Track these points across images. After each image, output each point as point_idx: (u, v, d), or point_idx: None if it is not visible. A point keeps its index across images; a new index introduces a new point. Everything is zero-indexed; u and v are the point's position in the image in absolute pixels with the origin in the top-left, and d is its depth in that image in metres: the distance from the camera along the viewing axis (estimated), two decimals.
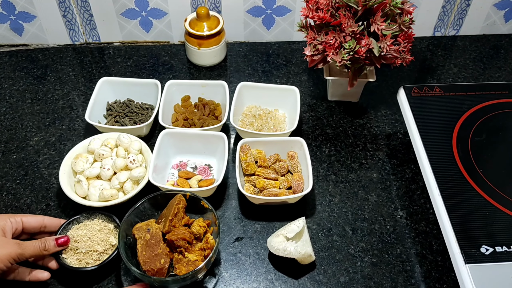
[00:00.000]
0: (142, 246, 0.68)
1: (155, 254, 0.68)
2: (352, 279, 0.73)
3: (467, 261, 0.64)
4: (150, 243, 0.69)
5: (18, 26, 1.07)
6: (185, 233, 0.70)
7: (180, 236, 0.69)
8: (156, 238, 0.69)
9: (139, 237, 0.69)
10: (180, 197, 0.73)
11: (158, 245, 0.69)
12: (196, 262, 0.69)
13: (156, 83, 0.93)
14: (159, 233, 0.70)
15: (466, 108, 0.84)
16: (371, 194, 0.83)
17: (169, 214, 0.71)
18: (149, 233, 0.69)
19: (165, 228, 0.71)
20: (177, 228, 0.71)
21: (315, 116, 0.96)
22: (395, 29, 0.81)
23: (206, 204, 0.73)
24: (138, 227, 0.70)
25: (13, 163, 0.87)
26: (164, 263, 0.68)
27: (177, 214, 0.72)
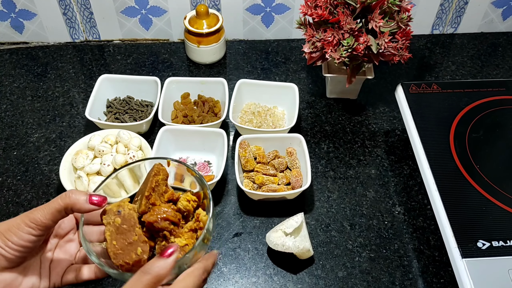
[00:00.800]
0: (111, 233, 0.53)
1: (128, 243, 0.53)
2: (350, 274, 0.73)
3: (464, 255, 0.65)
4: (122, 229, 0.53)
5: (18, 24, 1.08)
6: (168, 212, 0.54)
7: (161, 215, 0.53)
8: (129, 221, 0.53)
9: (107, 222, 0.54)
10: (158, 166, 0.57)
11: (132, 231, 0.53)
12: (186, 248, 0.53)
13: (156, 80, 0.94)
14: (133, 214, 0.54)
15: (463, 105, 0.84)
16: (369, 190, 0.84)
17: (145, 189, 0.55)
18: (119, 216, 0.53)
19: (140, 207, 0.54)
20: (157, 206, 0.55)
21: (313, 113, 0.97)
22: (393, 26, 0.82)
23: (193, 172, 0.58)
24: (107, 210, 0.54)
25: (13, 159, 0.88)
26: (141, 254, 0.53)
27: (157, 188, 0.56)
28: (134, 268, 0.52)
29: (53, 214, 0.51)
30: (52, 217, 0.51)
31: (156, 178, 0.56)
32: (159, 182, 0.56)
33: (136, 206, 0.55)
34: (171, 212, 0.54)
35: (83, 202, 0.52)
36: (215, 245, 0.76)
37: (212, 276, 0.73)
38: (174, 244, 0.51)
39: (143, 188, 0.56)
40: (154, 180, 0.56)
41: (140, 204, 0.55)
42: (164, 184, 0.57)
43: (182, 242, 0.53)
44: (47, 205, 0.52)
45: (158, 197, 0.56)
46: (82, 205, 0.52)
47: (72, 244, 0.59)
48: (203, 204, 0.58)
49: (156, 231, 0.54)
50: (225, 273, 0.73)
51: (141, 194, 0.56)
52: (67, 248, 0.59)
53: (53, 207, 0.51)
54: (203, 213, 0.55)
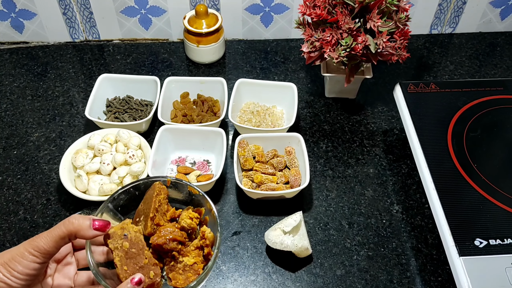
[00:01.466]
0: (121, 258, 0.53)
1: (140, 267, 0.53)
2: (348, 272, 0.74)
3: (461, 253, 0.66)
4: (131, 253, 0.53)
5: (18, 24, 1.08)
6: (174, 232, 0.55)
7: (169, 237, 0.55)
8: (137, 245, 0.54)
9: (114, 247, 0.54)
10: (159, 186, 0.58)
11: (142, 254, 0.53)
12: (195, 266, 0.55)
13: (155, 79, 0.94)
14: (140, 237, 0.54)
15: (461, 104, 0.85)
16: (367, 189, 0.84)
17: (149, 210, 0.56)
18: (127, 240, 0.53)
19: (147, 229, 0.56)
20: (163, 227, 0.56)
21: (312, 113, 0.97)
22: (391, 26, 0.82)
23: (193, 190, 0.60)
24: (111, 233, 0.54)
25: (14, 158, 0.88)
26: (154, 277, 0.53)
27: (159, 208, 0.57)
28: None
29: (56, 241, 0.51)
30: (55, 244, 0.51)
31: (159, 198, 0.57)
32: (161, 202, 0.57)
33: (141, 228, 0.55)
34: (178, 232, 0.55)
35: (86, 228, 0.52)
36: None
37: (211, 275, 0.73)
38: (138, 274, 0.52)
39: (145, 209, 0.57)
40: (157, 200, 0.57)
41: (145, 226, 0.55)
42: (165, 203, 0.58)
43: (191, 261, 0.55)
44: (49, 232, 0.51)
45: (161, 217, 0.57)
46: (86, 231, 0.52)
47: (70, 267, 0.59)
48: (205, 220, 0.59)
49: (164, 252, 0.55)
50: (224, 271, 0.74)
51: (143, 215, 0.56)
52: (65, 271, 0.59)
53: (57, 235, 0.51)
54: (208, 230, 0.56)
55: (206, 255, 0.56)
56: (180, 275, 0.55)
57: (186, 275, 0.54)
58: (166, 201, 0.59)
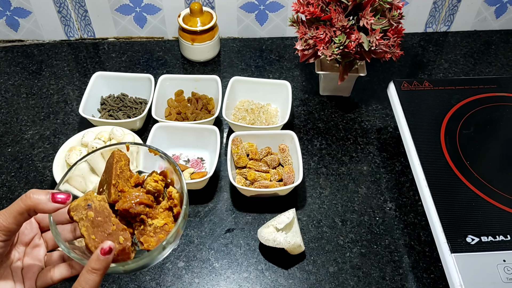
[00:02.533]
0: (87, 228, 0.52)
1: (108, 234, 0.52)
2: (341, 269, 0.74)
3: (453, 250, 0.66)
4: (97, 221, 0.52)
5: (13, 22, 1.08)
6: (140, 195, 0.54)
7: (134, 200, 0.53)
8: (103, 213, 0.52)
9: (79, 218, 0.52)
10: (118, 153, 0.56)
11: (108, 222, 0.52)
12: (166, 227, 0.54)
13: (150, 77, 0.94)
14: (105, 205, 0.53)
15: (454, 102, 0.85)
16: (361, 186, 0.84)
17: (111, 177, 0.54)
18: (91, 209, 0.52)
19: (111, 197, 0.54)
20: (128, 192, 0.54)
21: (307, 111, 0.97)
22: (384, 23, 0.82)
23: (154, 151, 0.58)
24: (74, 206, 0.53)
25: (8, 156, 0.88)
26: (124, 241, 0.52)
27: (121, 175, 0.55)
28: (120, 257, 0.52)
29: (15, 217, 0.50)
30: (14, 221, 0.50)
31: (119, 164, 0.55)
32: (122, 168, 0.55)
33: (105, 197, 0.54)
34: (143, 195, 0.54)
35: (45, 202, 0.50)
36: (208, 241, 0.77)
37: (204, 272, 0.73)
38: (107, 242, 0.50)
39: (107, 177, 0.55)
40: (118, 167, 0.55)
41: (109, 194, 0.54)
42: (128, 169, 0.56)
43: (161, 222, 0.54)
44: (8, 209, 0.50)
45: (124, 183, 0.55)
46: (45, 204, 0.50)
47: (39, 249, 0.58)
48: (171, 182, 0.57)
49: (132, 217, 0.53)
50: (217, 268, 0.74)
51: (106, 184, 0.55)
52: (34, 253, 0.58)
53: (15, 210, 0.50)
54: (175, 190, 0.55)
55: (176, 215, 0.55)
56: (151, 238, 0.53)
57: (158, 237, 0.53)
58: (128, 168, 0.57)
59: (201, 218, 0.80)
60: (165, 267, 0.74)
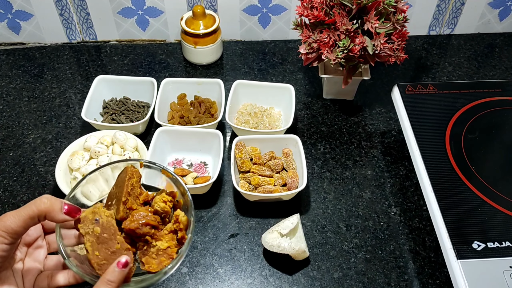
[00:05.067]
0: (92, 244, 0.52)
1: (112, 252, 0.52)
2: (345, 275, 0.73)
3: (459, 256, 0.65)
4: (103, 238, 0.52)
5: (15, 25, 1.08)
6: (147, 216, 0.54)
7: (141, 221, 0.53)
8: (109, 230, 0.52)
9: (85, 232, 0.52)
10: (131, 169, 0.56)
11: (114, 239, 0.52)
12: (169, 250, 0.54)
13: (152, 81, 0.93)
14: (112, 222, 0.53)
15: (459, 106, 0.84)
16: (365, 191, 0.84)
17: (121, 193, 0.54)
18: (98, 225, 0.52)
19: (119, 214, 0.54)
20: (136, 211, 0.54)
21: (310, 114, 0.97)
22: (389, 27, 0.81)
23: (167, 173, 0.58)
24: (82, 218, 0.53)
25: (10, 160, 0.88)
26: None
27: (132, 192, 0.55)
28: None
29: (25, 221, 0.50)
30: (24, 224, 0.50)
31: (131, 181, 0.55)
32: (134, 185, 0.55)
33: (113, 213, 0.54)
34: (151, 216, 0.54)
35: (57, 211, 0.51)
36: (211, 246, 0.76)
37: (208, 278, 0.73)
38: (124, 256, 0.51)
39: (117, 192, 0.55)
40: (129, 184, 0.55)
41: (117, 210, 0.54)
42: (138, 186, 0.56)
43: (164, 245, 0.54)
44: (19, 212, 0.50)
45: (134, 200, 0.55)
46: (56, 213, 0.51)
47: (41, 250, 0.58)
48: (178, 203, 0.57)
49: (137, 237, 0.53)
50: (221, 274, 0.73)
51: (115, 199, 0.55)
52: (35, 255, 0.58)
53: (26, 214, 0.50)
54: (182, 213, 0.54)
55: (180, 239, 0.55)
56: (153, 259, 0.53)
57: (160, 260, 0.53)
58: (139, 185, 0.57)
59: (205, 223, 0.79)
60: None
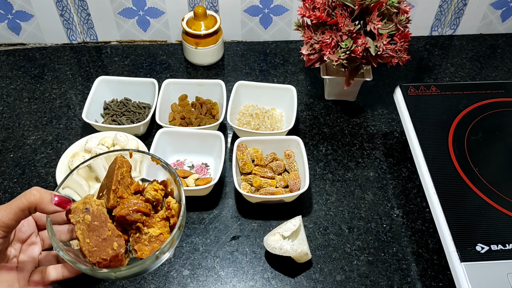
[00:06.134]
0: (83, 232, 0.52)
1: (103, 239, 0.52)
2: (348, 278, 0.73)
3: (463, 259, 0.65)
4: (93, 225, 0.52)
5: (15, 25, 1.07)
6: (138, 203, 0.54)
7: (132, 208, 0.53)
8: (99, 218, 0.53)
9: (76, 221, 0.53)
10: (121, 159, 0.56)
11: (104, 227, 0.53)
12: (161, 237, 0.55)
13: (153, 82, 0.93)
14: (102, 210, 0.54)
15: (462, 107, 0.84)
16: (367, 193, 0.83)
17: (111, 183, 0.55)
18: (89, 213, 0.53)
19: (109, 202, 0.54)
20: (126, 199, 0.54)
21: (312, 115, 0.96)
22: (391, 28, 0.81)
23: (156, 160, 0.58)
24: (73, 209, 0.54)
25: (10, 162, 0.87)
26: (118, 248, 0.52)
27: (122, 181, 0.55)
28: (112, 263, 0.52)
29: (16, 213, 0.50)
30: (15, 217, 0.50)
31: (121, 170, 0.56)
32: (123, 175, 0.56)
33: (103, 201, 0.54)
34: (142, 203, 0.54)
35: (47, 202, 0.51)
36: (213, 248, 0.76)
37: (210, 280, 0.72)
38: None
39: (108, 182, 0.55)
40: (119, 173, 0.55)
41: (108, 199, 0.54)
42: (129, 176, 0.57)
43: (156, 232, 0.54)
44: (8, 205, 0.50)
45: (124, 189, 0.55)
46: (46, 205, 0.51)
47: (35, 247, 0.58)
48: (171, 192, 0.58)
49: (129, 224, 0.54)
50: (223, 276, 0.73)
51: (106, 189, 0.55)
52: (29, 251, 0.58)
53: (17, 206, 0.50)
54: (174, 200, 0.55)
55: (173, 226, 0.55)
56: (145, 246, 0.54)
57: (152, 246, 0.54)
58: (129, 174, 0.57)
59: (206, 225, 0.79)
60: (170, 275, 0.73)
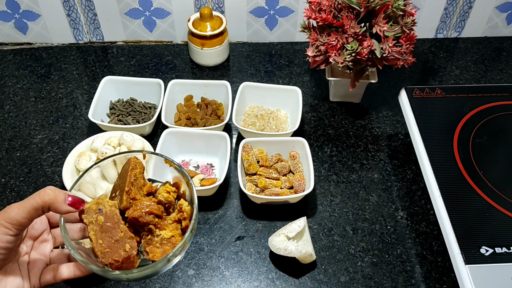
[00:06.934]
0: (95, 232, 0.53)
1: (115, 240, 0.52)
2: (352, 279, 0.73)
3: (467, 261, 0.65)
4: (106, 226, 0.53)
5: (22, 25, 1.08)
6: (151, 205, 0.54)
7: (145, 210, 0.54)
8: (112, 219, 0.53)
9: (89, 221, 0.53)
10: (134, 160, 0.56)
11: (117, 228, 0.53)
12: (173, 239, 0.55)
13: (159, 82, 0.93)
14: (115, 211, 0.54)
15: (467, 110, 0.84)
16: (372, 194, 0.84)
17: (124, 184, 0.55)
18: (102, 214, 0.53)
19: (122, 203, 0.54)
20: (139, 201, 0.55)
21: (317, 117, 0.97)
22: (397, 30, 0.81)
23: (170, 163, 0.58)
24: (86, 209, 0.54)
25: (16, 160, 0.88)
26: (130, 250, 0.53)
27: (135, 182, 0.56)
28: (124, 265, 0.52)
29: (29, 212, 0.50)
30: (28, 215, 0.50)
31: (134, 172, 0.55)
32: (137, 176, 0.56)
33: (116, 202, 0.54)
34: (154, 205, 0.54)
35: (61, 202, 0.51)
36: (218, 248, 0.76)
37: (214, 280, 0.73)
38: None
39: (121, 183, 0.55)
40: (133, 174, 0.55)
41: (121, 200, 0.54)
42: (142, 177, 0.57)
43: (168, 234, 0.54)
44: (22, 203, 0.50)
45: (137, 191, 0.55)
46: (60, 204, 0.51)
47: (46, 244, 0.59)
48: (183, 194, 0.58)
49: (141, 226, 0.54)
50: (227, 276, 0.73)
51: (119, 190, 0.55)
52: (41, 249, 0.58)
53: (30, 205, 0.50)
54: (186, 203, 0.55)
55: (184, 228, 0.55)
56: (157, 249, 0.54)
57: (164, 248, 0.54)
58: (142, 176, 0.57)
59: (211, 225, 0.79)
60: (175, 275, 0.73)
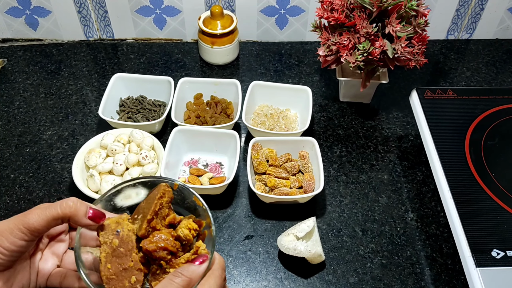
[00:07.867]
0: (107, 255, 0.51)
1: (123, 269, 0.50)
2: (361, 280, 0.73)
3: (478, 264, 0.64)
4: (118, 252, 0.51)
5: (33, 21, 1.08)
6: (167, 241, 0.51)
7: (160, 244, 0.51)
8: (127, 244, 0.51)
9: (103, 241, 0.51)
10: (165, 188, 0.54)
11: (129, 256, 0.51)
12: None
13: (169, 80, 0.93)
14: (131, 237, 0.52)
15: (479, 112, 0.84)
16: (381, 195, 0.83)
17: (148, 211, 0.53)
18: (117, 237, 0.51)
19: (141, 231, 0.52)
20: (159, 231, 0.52)
21: (326, 117, 0.96)
22: (409, 31, 0.81)
23: (198, 201, 0.55)
24: (105, 226, 0.52)
25: (26, 156, 0.88)
26: (135, 283, 0.51)
27: (159, 212, 0.54)
28: None
29: (48, 221, 0.50)
30: (46, 224, 0.50)
31: (161, 201, 0.54)
32: (163, 205, 0.54)
33: (135, 228, 0.53)
34: (171, 241, 0.52)
35: (82, 215, 0.51)
36: (226, 247, 0.76)
37: None
38: (205, 254, 0.50)
39: (145, 208, 0.54)
40: (159, 203, 0.53)
41: (140, 227, 0.52)
42: (167, 207, 0.55)
43: None
44: (43, 211, 0.50)
45: (159, 220, 0.53)
46: (80, 218, 0.51)
47: (61, 244, 0.58)
48: (203, 234, 0.55)
49: (153, 259, 0.52)
50: (236, 276, 0.73)
51: (142, 215, 0.53)
52: (55, 248, 0.57)
53: (50, 215, 0.50)
54: (203, 246, 0.52)
55: None
56: None
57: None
58: (168, 205, 0.55)
59: (220, 224, 0.79)
60: None
